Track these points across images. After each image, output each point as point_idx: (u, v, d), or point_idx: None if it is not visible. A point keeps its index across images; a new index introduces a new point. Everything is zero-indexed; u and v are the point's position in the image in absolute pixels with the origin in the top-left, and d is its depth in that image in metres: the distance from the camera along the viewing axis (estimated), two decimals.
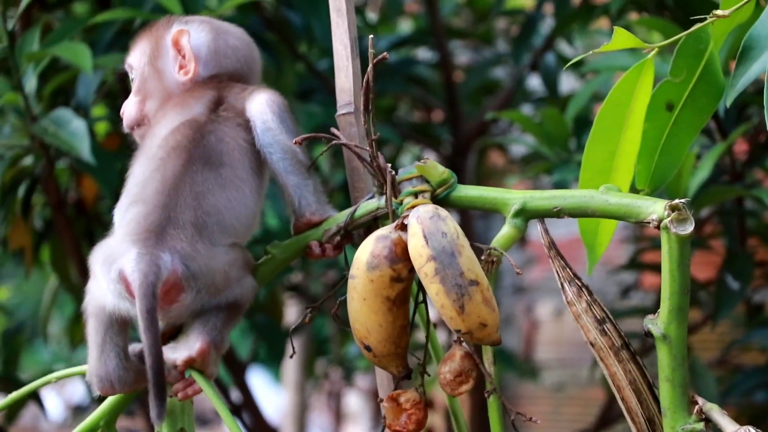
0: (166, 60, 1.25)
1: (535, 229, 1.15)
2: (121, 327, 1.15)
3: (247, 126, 1.21)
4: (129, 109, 1.26)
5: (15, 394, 1.26)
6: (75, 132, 1.73)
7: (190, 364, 1.15)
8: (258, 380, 6.05)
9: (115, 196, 2.18)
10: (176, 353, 1.15)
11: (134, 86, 1.26)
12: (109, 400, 1.21)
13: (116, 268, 1.11)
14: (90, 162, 1.75)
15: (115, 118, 2.22)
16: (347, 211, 1.19)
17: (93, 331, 1.15)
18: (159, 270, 1.10)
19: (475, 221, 2.85)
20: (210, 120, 1.20)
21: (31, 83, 1.82)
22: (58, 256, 2.37)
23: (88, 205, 2.38)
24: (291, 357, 1.32)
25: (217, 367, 1.18)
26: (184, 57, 1.24)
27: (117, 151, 2.19)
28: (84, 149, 1.72)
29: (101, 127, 2.39)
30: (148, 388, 1.09)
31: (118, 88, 2.12)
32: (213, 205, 1.15)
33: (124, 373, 1.16)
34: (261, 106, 1.21)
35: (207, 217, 1.14)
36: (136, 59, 1.26)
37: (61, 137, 1.73)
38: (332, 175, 2.79)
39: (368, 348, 1.13)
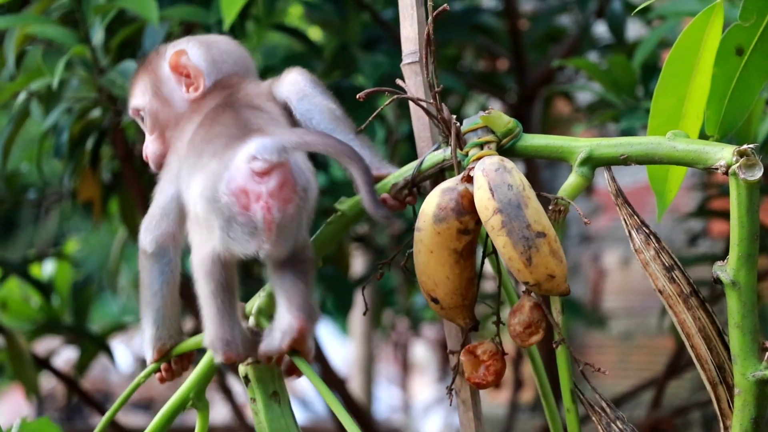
0: (170, 86, 1.25)
1: (602, 178, 1.14)
2: (233, 287, 1.15)
3: (277, 102, 1.21)
4: (151, 149, 1.26)
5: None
6: None
7: (293, 347, 1.15)
8: (325, 332, 6.09)
9: None
10: (276, 341, 1.15)
11: (147, 127, 1.26)
12: (196, 372, 1.22)
13: (227, 177, 1.10)
14: None
15: None
16: (414, 164, 1.19)
17: (210, 295, 1.14)
18: (285, 150, 1.10)
19: (541, 171, 2.84)
20: (233, 99, 1.20)
21: (98, 36, 1.83)
22: (127, 208, 2.39)
23: None
24: (364, 314, 1.32)
25: (313, 340, 1.17)
26: (188, 75, 1.25)
27: None
28: None
29: None
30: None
31: None
32: None
33: (247, 337, 1.16)
34: (292, 79, 1.22)
35: None
36: (140, 99, 1.27)
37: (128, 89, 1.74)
38: (398, 125, 2.79)
39: (435, 300, 1.14)
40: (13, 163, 2.67)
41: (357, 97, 1.16)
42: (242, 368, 1.20)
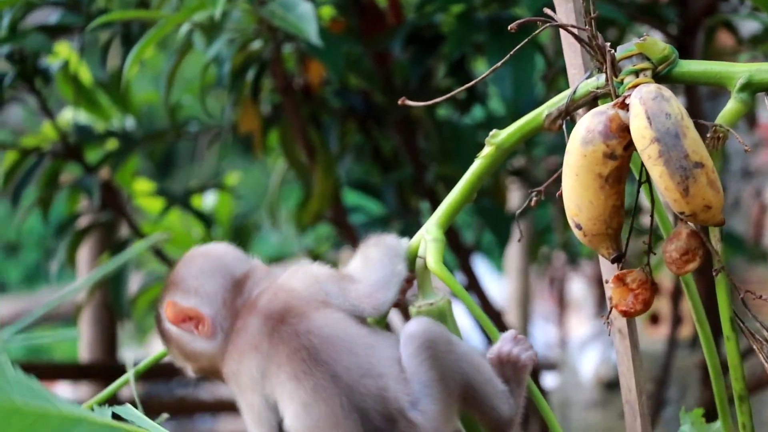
0: (186, 339, 1.17)
1: (765, 111, 1.12)
2: None
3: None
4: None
5: None
6: (302, 15, 1.75)
7: None
8: (482, 269, 6.10)
9: (342, 81, 2.23)
10: None
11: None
12: None
13: None
14: (317, 45, 1.77)
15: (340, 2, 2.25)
16: (567, 93, 1.19)
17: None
18: None
19: (702, 104, 2.79)
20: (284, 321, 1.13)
21: None
22: (286, 140, 2.44)
23: (314, 90, 2.43)
24: (519, 241, 1.33)
25: None
26: (191, 319, 1.16)
27: (342, 35, 2.22)
28: (311, 32, 1.74)
29: (326, 11, 2.43)
30: None
31: None
32: None
33: None
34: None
35: None
36: (186, 365, 1.20)
37: (289, 20, 1.76)
38: (556, 59, 2.77)
39: (579, 226, 1.13)
40: (176, 96, 2.73)
41: (509, 28, 1.16)
42: (413, 310, 1.20)
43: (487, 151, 1.21)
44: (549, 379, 4.31)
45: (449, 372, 1.11)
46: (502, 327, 2.71)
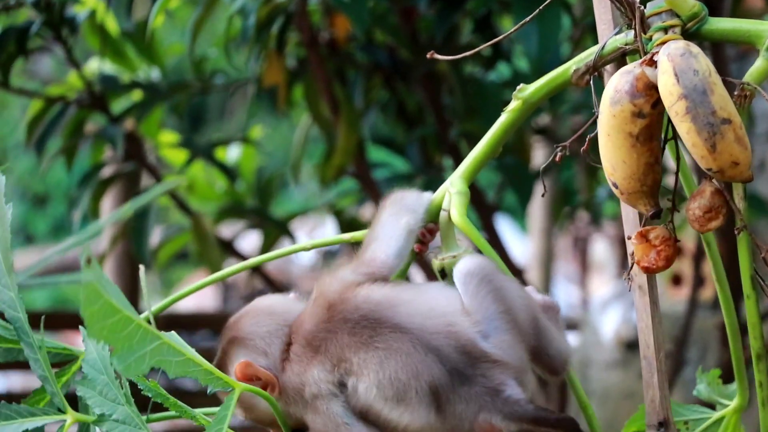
0: (247, 395, 1.13)
1: None
2: None
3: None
4: None
5: None
6: None
7: None
8: (505, 228, 6.11)
9: (367, 36, 2.22)
10: None
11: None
12: None
13: None
14: None
15: None
16: (595, 48, 1.18)
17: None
18: None
19: (729, 64, 2.78)
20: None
21: None
22: (311, 94, 2.44)
23: (339, 45, 2.43)
24: (543, 196, 1.32)
25: None
26: (259, 379, 1.13)
27: None
28: None
29: None
30: None
31: None
32: None
33: None
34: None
35: None
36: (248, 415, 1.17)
37: None
38: (583, 16, 2.75)
39: (615, 185, 1.14)
40: (203, 49, 2.73)
41: None
42: (436, 262, 1.20)
43: (513, 105, 1.21)
44: (570, 339, 4.32)
45: (513, 304, 1.11)
46: (524, 285, 2.72)
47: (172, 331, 1.06)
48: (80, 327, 1.07)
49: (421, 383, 1.07)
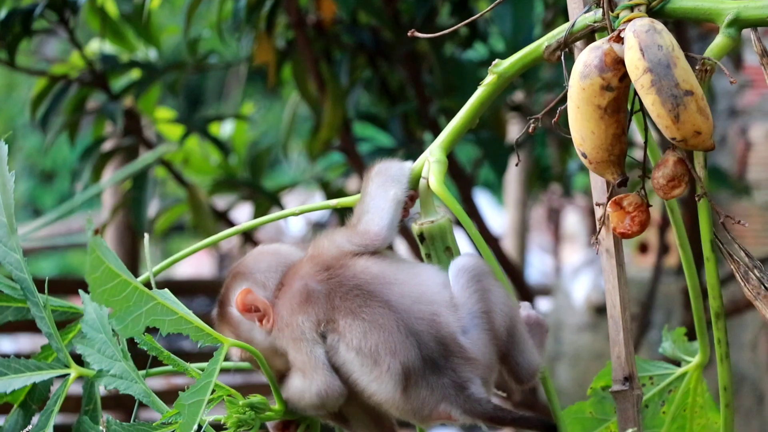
0: (246, 326, 1.15)
1: (752, 53, 1.12)
2: None
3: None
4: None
5: None
6: None
7: None
8: (482, 200, 6.11)
9: (352, 18, 2.20)
10: None
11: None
12: None
13: None
14: None
15: None
16: (565, 26, 1.18)
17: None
18: None
19: (692, 44, 2.77)
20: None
21: None
22: (299, 72, 2.43)
23: (326, 27, 2.42)
24: (516, 165, 1.32)
25: None
26: (257, 310, 1.14)
27: None
28: None
29: None
30: None
31: None
32: None
33: None
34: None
35: None
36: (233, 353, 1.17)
37: None
38: (555, 1, 2.75)
39: (584, 155, 1.14)
40: (196, 30, 2.72)
41: None
42: (416, 227, 1.20)
43: (489, 79, 1.21)
44: (543, 304, 4.33)
45: (496, 307, 1.12)
46: (500, 254, 2.72)
47: (165, 289, 1.06)
48: (80, 291, 1.07)
49: (396, 362, 1.08)
